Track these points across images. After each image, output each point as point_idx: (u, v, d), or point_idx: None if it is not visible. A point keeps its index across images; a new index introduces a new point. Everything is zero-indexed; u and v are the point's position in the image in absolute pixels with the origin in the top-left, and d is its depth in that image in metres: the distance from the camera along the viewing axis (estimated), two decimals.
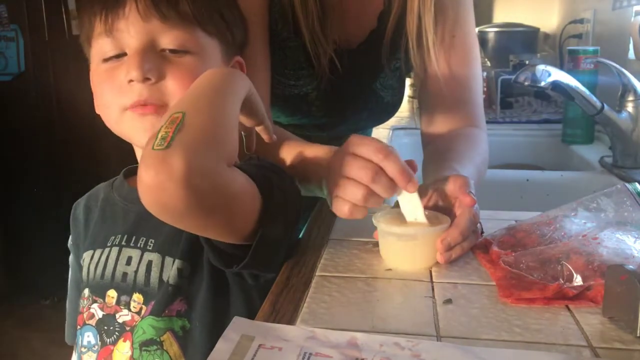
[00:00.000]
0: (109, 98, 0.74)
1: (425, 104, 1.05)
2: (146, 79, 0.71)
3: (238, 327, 0.55)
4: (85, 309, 0.78)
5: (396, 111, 1.15)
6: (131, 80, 0.71)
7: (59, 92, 3.15)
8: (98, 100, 0.76)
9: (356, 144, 0.68)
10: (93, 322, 0.76)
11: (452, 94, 1.01)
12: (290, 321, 0.58)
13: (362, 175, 0.66)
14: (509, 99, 1.99)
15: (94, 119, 0.77)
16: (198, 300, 0.71)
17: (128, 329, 0.73)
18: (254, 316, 0.59)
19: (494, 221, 0.79)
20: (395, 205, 0.72)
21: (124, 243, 0.77)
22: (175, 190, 0.54)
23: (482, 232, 0.75)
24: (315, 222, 0.86)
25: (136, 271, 0.74)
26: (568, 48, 1.63)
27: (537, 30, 2.29)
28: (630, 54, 1.52)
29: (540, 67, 1.15)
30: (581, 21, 1.97)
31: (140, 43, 0.72)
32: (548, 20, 2.39)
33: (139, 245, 0.75)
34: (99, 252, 0.79)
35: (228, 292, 0.72)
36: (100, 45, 0.75)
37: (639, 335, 0.52)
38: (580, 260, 0.62)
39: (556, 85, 1.17)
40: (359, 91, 1.06)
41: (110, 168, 1.12)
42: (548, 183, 1.31)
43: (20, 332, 2.86)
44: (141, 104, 0.71)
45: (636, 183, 0.73)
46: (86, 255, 0.81)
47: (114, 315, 0.74)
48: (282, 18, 0.95)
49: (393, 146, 0.68)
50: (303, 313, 0.59)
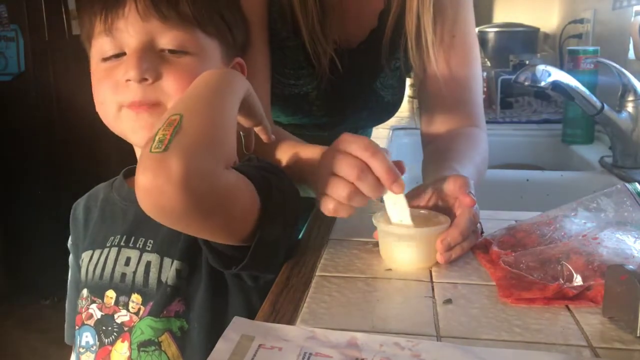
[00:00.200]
0: (106, 95, 0.74)
1: (425, 104, 1.05)
2: (143, 79, 0.71)
3: (238, 327, 0.55)
4: (83, 309, 0.78)
5: (396, 111, 1.15)
6: (129, 80, 0.71)
7: (59, 92, 3.15)
8: (96, 98, 0.76)
9: (346, 141, 0.67)
10: (91, 323, 0.76)
11: (452, 94, 1.01)
12: (290, 321, 0.57)
13: (348, 172, 0.65)
14: (509, 99, 1.99)
15: (94, 119, 0.77)
16: (196, 301, 0.71)
17: (126, 329, 0.73)
18: (252, 317, 0.59)
19: (494, 221, 0.79)
20: None
21: (123, 243, 0.77)
22: (173, 193, 0.54)
23: (482, 232, 0.75)
24: (315, 222, 0.85)
25: (135, 272, 0.74)
26: (568, 48, 1.63)
27: (537, 30, 2.29)
28: (630, 54, 1.52)
29: (540, 67, 1.15)
30: (581, 21, 1.97)
31: (139, 43, 0.72)
32: (548, 20, 2.38)
33: (137, 245, 0.75)
34: (98, 253, 0.79)
35: (226, 293, 0.72)
36: (100, 45, 0.75)
37: (639, 335, 0.52)
38: (580, 260, 0.61)
39: (556, 85, 1.17)
40: (359, 90, 1.06)
41: (110, 168, 1.12)
42: (548, 183, 1.31)
43: (20, 332, 2.86)
44: (136, 105, 0.72)
45: (636, 183, 0.73)
46: (85, 256, 0.81)
47: (112, 316, 0.74)
48: (281, 18, 0.95)
49: (387, 148, 0.68)
50: (303, 313, 0.59)
